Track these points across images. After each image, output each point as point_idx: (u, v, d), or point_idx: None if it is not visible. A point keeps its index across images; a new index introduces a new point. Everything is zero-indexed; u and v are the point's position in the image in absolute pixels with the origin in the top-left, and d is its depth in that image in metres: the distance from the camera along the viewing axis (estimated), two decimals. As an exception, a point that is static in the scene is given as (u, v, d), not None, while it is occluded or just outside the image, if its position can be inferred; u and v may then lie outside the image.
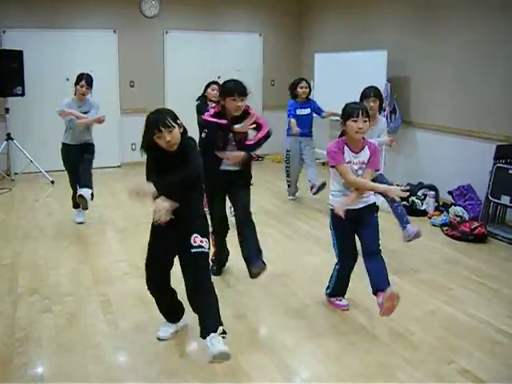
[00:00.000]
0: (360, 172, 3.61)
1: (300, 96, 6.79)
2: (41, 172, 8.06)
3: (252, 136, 4.29)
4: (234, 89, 3.95)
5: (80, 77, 5.76)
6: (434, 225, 6.13)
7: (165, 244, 3.23)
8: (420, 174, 7.25)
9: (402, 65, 7.52)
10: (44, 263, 4.83)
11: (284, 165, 7.09)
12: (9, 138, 8.01)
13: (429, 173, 7.11)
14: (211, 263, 4.14)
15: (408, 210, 6.28)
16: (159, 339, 3.48)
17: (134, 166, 8.52)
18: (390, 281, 3.55)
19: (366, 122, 3.53)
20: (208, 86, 6.36)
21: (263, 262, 4.11)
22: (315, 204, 6.86)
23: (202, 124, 4.29)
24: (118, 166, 9.26)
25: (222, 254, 4.59)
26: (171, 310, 3.55)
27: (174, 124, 2.99)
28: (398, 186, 3.88)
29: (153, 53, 9.29)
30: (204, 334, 3.01)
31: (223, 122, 4.04)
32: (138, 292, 4.06)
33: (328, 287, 4.04)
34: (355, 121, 3.50)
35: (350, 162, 3.59)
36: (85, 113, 5.78)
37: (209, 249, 3.22)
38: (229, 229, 4.47)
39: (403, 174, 7.54)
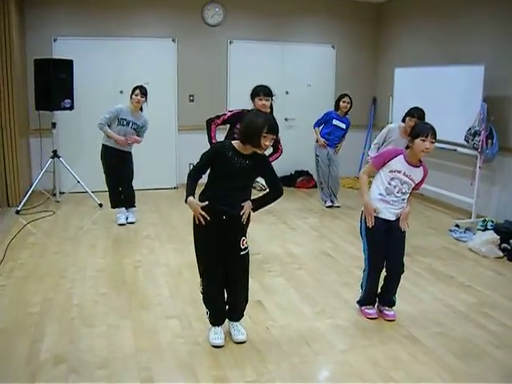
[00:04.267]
0: (405, 186, 3.72)
1: (341, 109, 7.24)
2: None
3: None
4: (260, 90, 4.64)
5: (135, 87, 6.02)
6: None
7: (217, 243, 3.34)
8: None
9: (502, 82, 6.44)
10: (77, 315, 3.91)
11: (316, 168, 7.58)
12: (55, 155, 7.24)
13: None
14: None
15: (511, 254, 5.46)
16: (216, 346, 3.38)
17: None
18: None
19: (433, 143, 3.60)
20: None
21: None
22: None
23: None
24: (175, 188, 8.47)
25: None
26: (224, 310, 3.55)
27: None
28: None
29: (215, 64, 8.51)
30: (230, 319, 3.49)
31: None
32: (192, 369, 3.12)
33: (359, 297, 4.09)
34: (424, 140, 3.57)
35: (400, 172, 3.69)
36: (135, 125, 6.09)
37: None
38: None
39: (499, 209, 6.57)
